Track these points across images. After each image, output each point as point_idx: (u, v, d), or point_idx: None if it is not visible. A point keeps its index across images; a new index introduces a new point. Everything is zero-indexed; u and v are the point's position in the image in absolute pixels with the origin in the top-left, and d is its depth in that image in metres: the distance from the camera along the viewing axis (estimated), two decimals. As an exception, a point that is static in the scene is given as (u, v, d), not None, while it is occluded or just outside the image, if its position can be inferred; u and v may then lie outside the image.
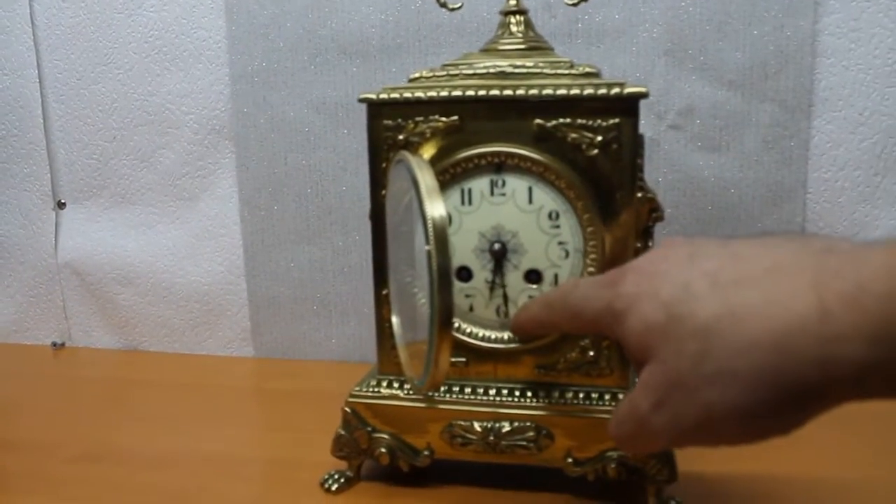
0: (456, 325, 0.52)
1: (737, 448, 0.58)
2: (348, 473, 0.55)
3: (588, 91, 0.48)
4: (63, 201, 0.90)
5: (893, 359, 0.27)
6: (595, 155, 0.48)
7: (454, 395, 0.53)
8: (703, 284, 0.32)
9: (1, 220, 0.92)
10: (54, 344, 0.93)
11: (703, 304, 0.31)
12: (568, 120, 0.48)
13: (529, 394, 0.52)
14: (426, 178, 0.41)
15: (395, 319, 0.52)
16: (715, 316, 0.31)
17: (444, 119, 0.50)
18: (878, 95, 0.68)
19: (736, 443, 0.32)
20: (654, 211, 0.53)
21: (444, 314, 0.40)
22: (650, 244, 0.55)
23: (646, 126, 0.71)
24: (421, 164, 0.43)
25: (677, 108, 0.72)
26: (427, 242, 0.40)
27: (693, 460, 0.52)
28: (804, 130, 0.70)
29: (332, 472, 0.56)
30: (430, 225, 0.40)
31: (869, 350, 0.27)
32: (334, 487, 0.55)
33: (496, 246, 0.50)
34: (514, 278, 0.51)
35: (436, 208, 0.40)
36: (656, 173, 0.72)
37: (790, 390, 0.29)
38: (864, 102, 0.69)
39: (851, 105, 0.69)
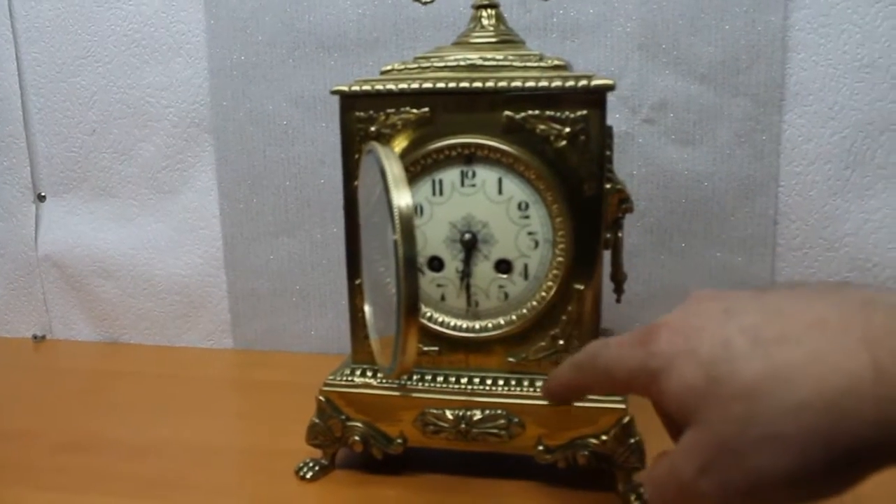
0: (428, 314, 0.53)
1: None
2: (323, 461, 0.56)
3: (556, 83, 0.48)
4: (43, 194, 0.90)
5: None
6: (563, 146, 0.49)
7: (426, 384, 0.53)
8: (744, 342, 0.30)
9: (-19, 213, 0.92)
10: (35, 337, 0.93)
11: (746, 364, 0.30)
12: (537, 112, 0.49)
13: (501, 382, 0.52)
14: (393, 168, 0.42)
15: (367, 309, 0.53)
16: (760, 376, 0.29)
17: (414, 111, 0.51)
18: (847, 90, 0.69)
19: None
20: (623, 202, 0.54)
21: (410, 302, 0.41)
22: (620, 235, 0.56)
23: (620, 120, 0.72)
24: (389, 155, 0.43)
25: (651, 103, 0.72)
26: (393, 231, 0.41)
27: (662, 447, 0.53)
28: (776, 124, 0.71)
29: (307, 461, 0.56)
30: (396, 214, 0.40)
31: None
32: (309, 475, 0.55)
33: (467, 236, 0.51)
34: (484, 268, 0.52)
35: (402, 197, 0.41)
36: (630, 166, 0.73)
37: (844, 453, 0.28)
38: (834, 97, 0.70)
39: (822, 100, 0.70)
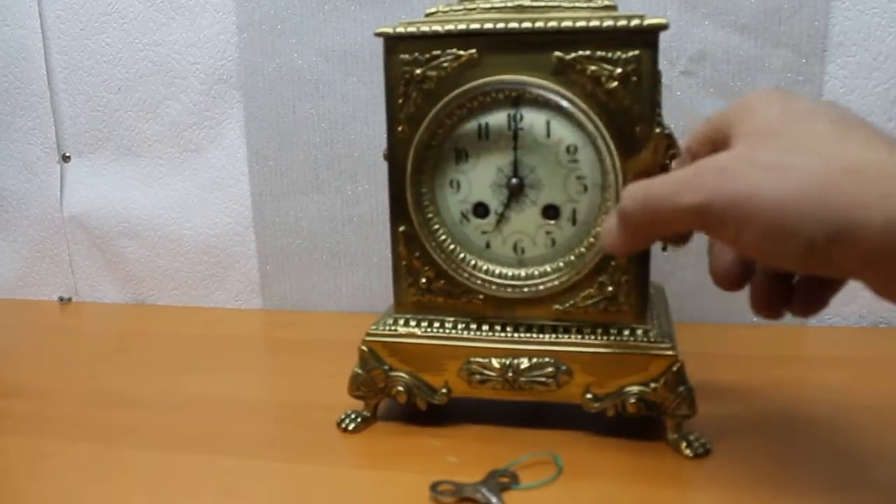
0: (473, 262, 0.52)
1: (755, 385, 0.58)
2: (365, 413, 0.55)
3: (608, 23, 0.47)
4: (68, 154, 0.89)
5: None
6: (614, 87, 0.48)
7: (472, 332, 0.52)
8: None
9: (5, 174, 0.91)
10: (61, 299, 0.92)
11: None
12: (587, 52, 0.48)
13: (548, 330, 0.52)
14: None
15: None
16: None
17: (462, 52, 0.49)
18: (893, 40, 0.68)
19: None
20: (670, 147, 0.52)
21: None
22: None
23: (658, 71, 0.71)
24: None
25: (689, 54, 0.71)
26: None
27: (712, 396, 0.53)
28: (818, 76, 0.69)
29: (349, 412, 0.55)
30: None
31: None
32: (351, 427, 0.55)
33: (514, 181, 0.50)
34: (531, 214, 0.51)
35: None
36: (668, 119, 0.69)
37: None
38: (879, 47, 0.68)
39: (866, 50, 0.68)
